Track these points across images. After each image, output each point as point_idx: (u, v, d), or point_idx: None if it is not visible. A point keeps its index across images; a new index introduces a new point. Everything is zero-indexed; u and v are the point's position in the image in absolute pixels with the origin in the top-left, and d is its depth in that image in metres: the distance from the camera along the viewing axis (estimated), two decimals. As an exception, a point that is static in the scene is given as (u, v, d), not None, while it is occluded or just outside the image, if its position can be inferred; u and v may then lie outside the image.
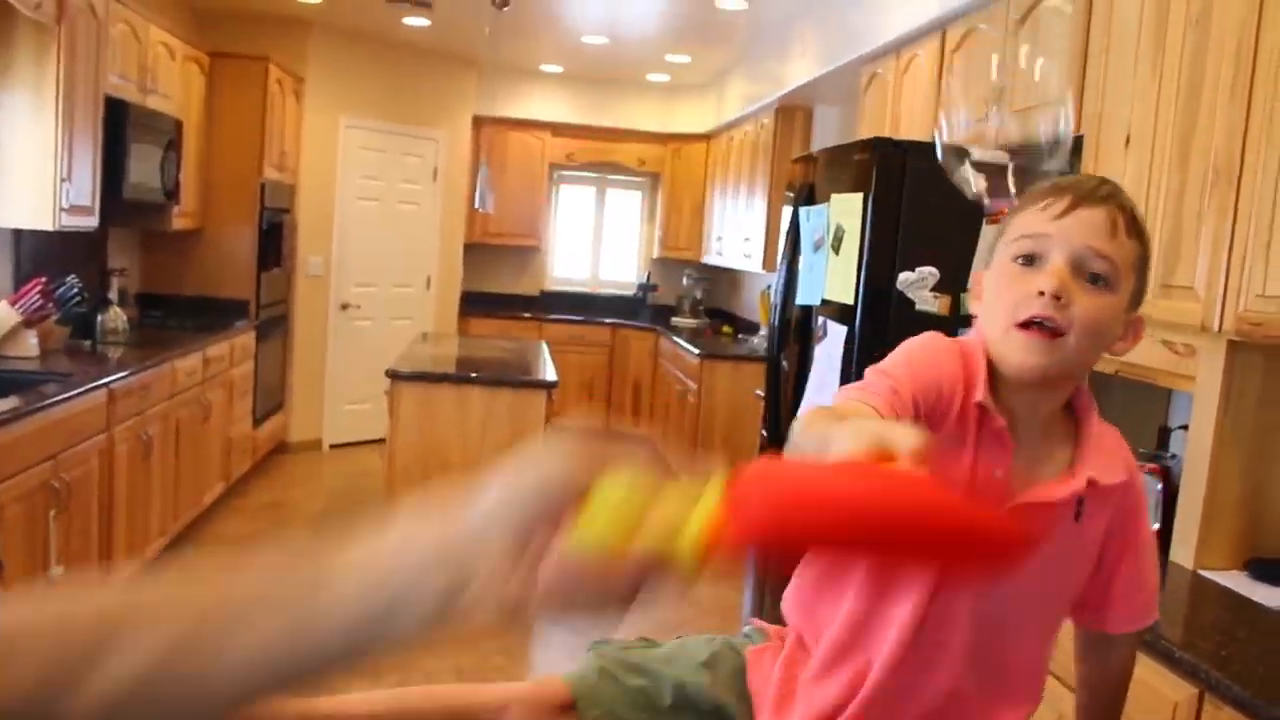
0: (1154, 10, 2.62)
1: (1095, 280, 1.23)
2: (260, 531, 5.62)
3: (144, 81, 5.13)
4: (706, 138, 8.68)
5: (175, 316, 6.05)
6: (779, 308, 3.70)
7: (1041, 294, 1.22)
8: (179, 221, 5.90)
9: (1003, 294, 1.27)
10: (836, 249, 3.09)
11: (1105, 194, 1.27)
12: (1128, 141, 2.70)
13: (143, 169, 5.07)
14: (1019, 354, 1.24)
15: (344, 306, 7.69)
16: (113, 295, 5.33)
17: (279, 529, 5.70)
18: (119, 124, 4.77)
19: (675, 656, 1.48)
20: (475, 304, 8.89)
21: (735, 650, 1.49)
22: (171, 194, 5.54)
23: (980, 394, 1.26)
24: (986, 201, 2.85)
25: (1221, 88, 2.32)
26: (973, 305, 1.37)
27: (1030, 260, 1.26)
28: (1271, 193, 2.14)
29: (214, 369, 5.53)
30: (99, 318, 5.06)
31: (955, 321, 2.99)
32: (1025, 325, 1.23)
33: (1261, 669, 1.80)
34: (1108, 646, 1.46)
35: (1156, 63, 2.59)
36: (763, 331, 7.24)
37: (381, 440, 7.15)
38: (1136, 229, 1.27)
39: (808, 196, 3.42)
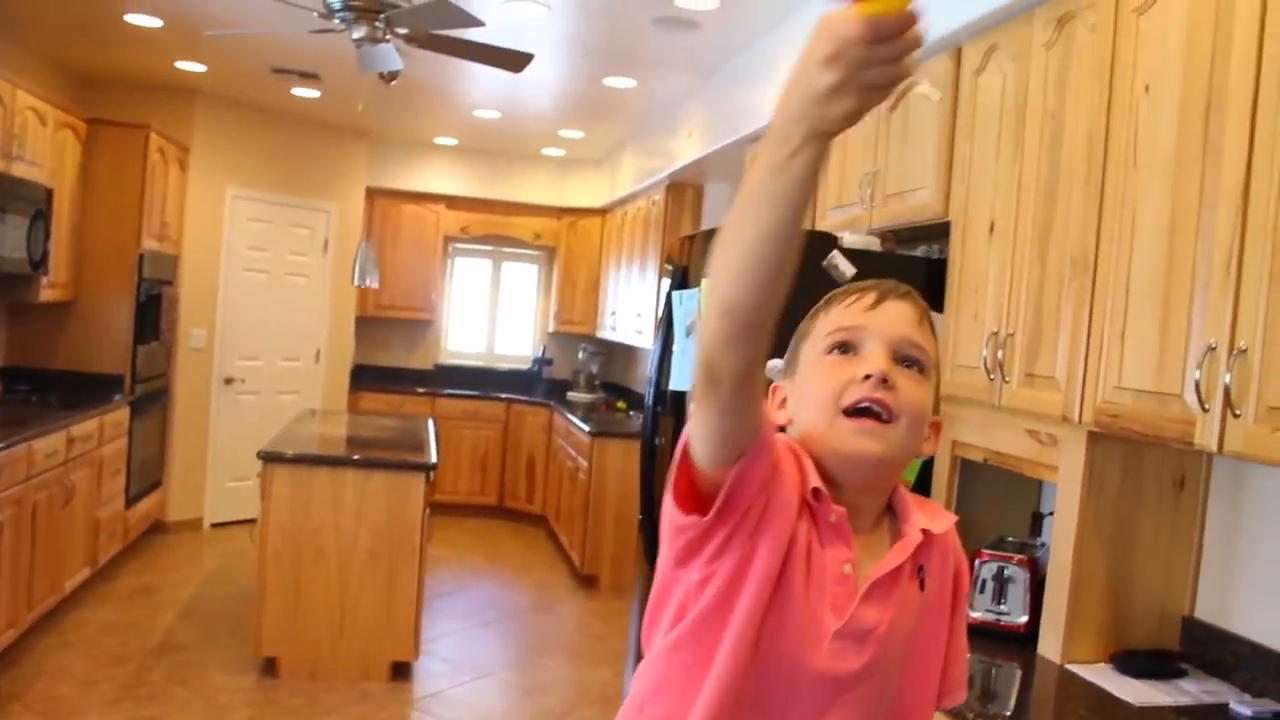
0: (1014, 101, 2.65)
1: (911, 365, 1.24)
2: (126, 619, 5.33)
3: (9, 148, 4.93)
4: (601, 212, 8.68)
5: (44, 391, 5.79)
6: (653, 385, 3.65)
7: (868, 377, 1.20)
8: (48, 293, 5.67)
9: (821, 385, 1.23)
10: (708, 333, 3.05)
11: (906, 290, 1.29)
12: (992, 229, 2.71)
13: (7, 238, 4.86)
14: (852, 442, 1.20)
15: (228, 380, 7.45)
16: (-29, 371, 5.08)
17: (146, 615, 5.42)
18: (-21, 193, 4.58)
19: None
20: (367, 378, 8.70)
21: None
22: (39, 264, 5.32)
23: (814, 480, 1.20)
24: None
25: (1076, 179, 2.35)
26: (775, 414, 1.31)
27: (846, 349, 1.24)
28: (1124, 286, 2.15)
29: (80, 448, 5.27)
30: (-46, 394, 4.81)
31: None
32: (853, 412, 1.20)
33: (1118, 776, 1.76)
34: None
35: (1017, 153, 2.61)
36: (656, 407, 7.19)
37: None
38: (933, 329, 1.30)
39: (682, 279, 3.38)
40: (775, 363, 2.96)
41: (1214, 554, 2.42)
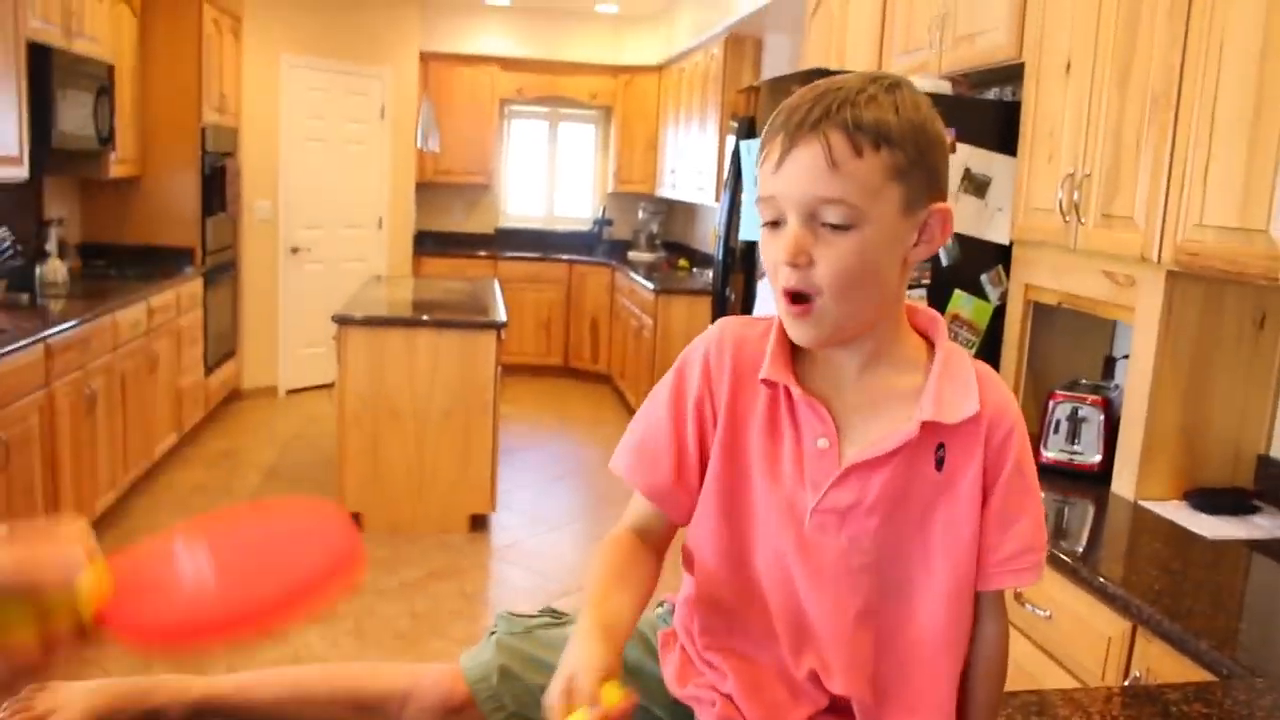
0: (1093, -68, 2.56)
1: (836, 227, 1.10)
2: (214, 480, 5.56)
3: (69, 25, 4.94)
4: (658, 69, 8.54)
5: (119, 266, 5.92)
6: (723, 240, 3.65)
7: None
8: (117, 169, 5.74)
9: (765, 260, 1.17)
10: (777, 185, 3.04)
11: (815, 120, 1.09)
12: (1068, 68, 2.65)
13: (74, 116, 4.91)
14: (791, 329, 1.17)
15: (294, 250, 7.56)
16: (51, 246, 5.20)
17: (232, 477, 5.64)
18: (43, 70, 4.61)
19: None
20: (429, 244, 8.77)
21: (644, 634, 1.42)
22: (107, 140, 5.39)
23: (765, 370, 1.20)
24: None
25: (1159, 12, 2.28)
26: None
27: (775, 225, 1.14)
28: (1209, 121, 2.11)
29: (160, 319, 5.42)
30: (37, 270, 4.93)
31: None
32: (786, 295, 1.14)
33: (1191, 602, 1.81)
34: (978, 616, 1.25)
35: (1096, -13, 2.53)
36: (718, 265, 7.19)
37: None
38: (874, 138, 1.09)
39: (749, 130, 3.35)
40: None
41: (1292, 391, 2.42)
